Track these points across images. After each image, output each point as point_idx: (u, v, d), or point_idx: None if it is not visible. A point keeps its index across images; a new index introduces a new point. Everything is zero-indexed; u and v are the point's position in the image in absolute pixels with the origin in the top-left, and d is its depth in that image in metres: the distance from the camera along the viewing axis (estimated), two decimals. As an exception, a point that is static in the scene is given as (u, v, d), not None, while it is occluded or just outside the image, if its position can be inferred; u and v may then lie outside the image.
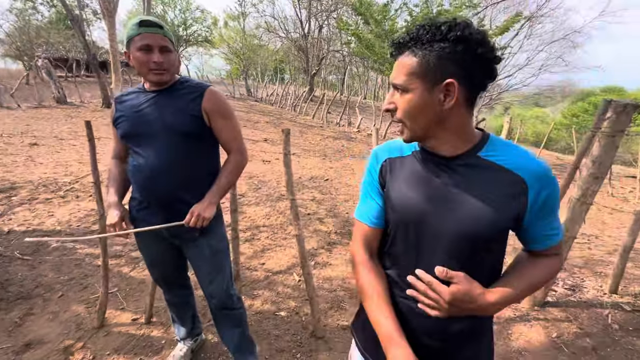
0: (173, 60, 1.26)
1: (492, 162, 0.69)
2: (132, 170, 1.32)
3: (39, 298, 2.17)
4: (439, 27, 0.62)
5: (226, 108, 1.32)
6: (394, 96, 0.70)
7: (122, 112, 1.32)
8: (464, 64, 0.62)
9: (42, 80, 15.50)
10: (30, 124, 8.25)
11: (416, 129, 0.70)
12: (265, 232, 3.45)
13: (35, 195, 3.91)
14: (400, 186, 0.77)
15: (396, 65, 0.68)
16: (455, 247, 0.70)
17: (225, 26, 29.93)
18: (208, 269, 1.41)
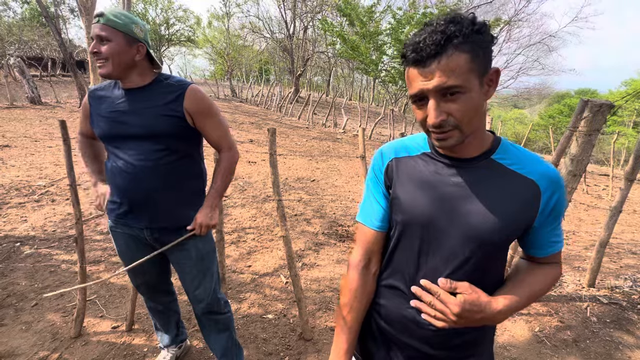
0: (112, 50, 1.14)
1: (506, 167, 0.68)
2: (112, 171, 1.26)
3: (10, 308, 2.06)
4: (465, 20, 0.60)
5: (210, 106, 1.27)
6: (440, 105, 0.61)
7: (98, 111, 1.25)
8: (491, 52, 0.63)
9: (15, 80, 14.82)
10: (2, 124, 7.85)
11: (469, 131, 0.63)
12: (252, 234, 3.39)
13: (7, 199, 3.71)
14: (409, 187, 0.74)
15: (443, 67, 0.58)
16: (463, 252, 0.68)
17: (209, 26, 29.50)
18: (195, 272, 1.36)
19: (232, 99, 18.47)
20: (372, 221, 0.80)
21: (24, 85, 11.36)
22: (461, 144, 0.66)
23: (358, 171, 6.68)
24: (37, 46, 18.83)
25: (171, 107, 1.21)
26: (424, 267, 0.72)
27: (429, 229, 0.71)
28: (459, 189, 0.69)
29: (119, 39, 1.15)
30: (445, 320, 0.67)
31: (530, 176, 0.66)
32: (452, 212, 0.68)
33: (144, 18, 27.94)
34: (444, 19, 0.60)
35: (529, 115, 36.11)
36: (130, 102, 1.21)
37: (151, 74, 1.26)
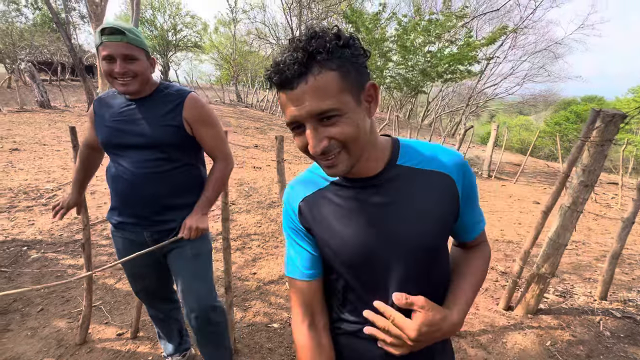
0: (141, 68, 1.18)
1: (415, 168, 0.65)
2: (113, 177, 1.29)
3: (17, 313, 2.06)
4: (327, 35, 0.53)
5: (208, 115, 1.28)
6: (319, 131, 0.55)
7: (101, 119, 1.27)
8: (364, 66, 0.57)
9: (25, 84, 15.09)
10: (12, 128, 7.97)
11: (358, 153, 0.58)
12: (257, 241, 3.38)
13: (15, 203, 3.75)
14: (331, 224, 0.67)
15: (310, 91, 0.52)
16: (410, 266, 0.65)
17: (216, 32, 29.86)
18: (189, 274, 1.32)
19: (237, 104, 18.61)
20: (302, 272, 0.72)
21: (34, 90, 11.55)
22: (357, 166, 0.61)
23: (363, 177, 6.65)
24: (47, 51, 19.19)
25: (170, 117, 1.23)
26: (379, 297, 0.67)
27: (370, 259, 0.66)
28: (381, 209, 0.64)
29: (142, 56, 1.19)
30: (402, 347, 0.63)
31: (441, 169, 0.65)
32: (386, 234, 0.64)
33: (152, 24, 28.40)
34: (305, 34, 0.53)
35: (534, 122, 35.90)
36: (131, 112, 1.24)
37: (153, 84, 1.28)
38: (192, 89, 1.36)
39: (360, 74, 0.56)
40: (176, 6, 28.72)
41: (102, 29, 1.12)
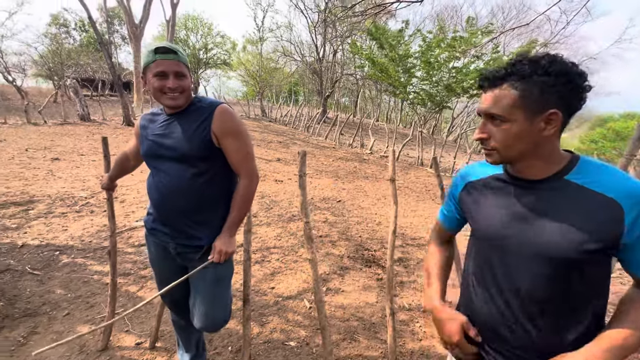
0: (187, 84, 1.27)
1: (581, 185, 0.70)
2: (149, 187, 1.36)
3: (44, 316, 2.13)
4: (538, 62, 0.67)
5: (236, 127, 1.29)
6: (486, 126, 0.74)
7: (145, 134, 1.36)
8: (564, 95, 0.67)
9: (69, 99, 16.30)
10: (55, 139, 8.57)
11: (510, 156, 0.73)
12: (276, 254, 3.36)
13: (52, 209, 3.97)
14: (482, 209, 0.83)
15: (492, 97, 0.71)
16: (537, 270, 0.71)
17: (244, 50, 31.20)
18: (208, 298, 1.34)
19: (261, 118, 19.11)
20: (443, 222, 1.02)
21: (76, 104, 12.45)
22: (514, 165, 0.76)
23: (385, 192, 6.54)
24: (90, 69, 20.75)
25: (201, 129, 1.26)
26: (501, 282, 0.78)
27: (504, 249, 0.77)
28: (530, 209, 0.73)
29: (188, 73, 1.27)
30: None
31: (610, 194, 0.67)
32: (525, 231, 0.73)
33: (185, 44, 30.14)
34: (516, 58, 0.70)
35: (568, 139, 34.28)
36: (168, 126, 1.30)
37: (188, 99, 1.32)
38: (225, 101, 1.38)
39: (546, 100, 0.67)
40: (208, 27, 30.39)
41: (156, 48, 1.20)
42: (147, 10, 15.72)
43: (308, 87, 31.46)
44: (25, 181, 4.90)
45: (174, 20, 14.99)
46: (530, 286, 0.73)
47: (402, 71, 10.38)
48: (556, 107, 0.67)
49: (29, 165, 5.84)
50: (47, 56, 18.94)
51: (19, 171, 5.39)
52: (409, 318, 2.44)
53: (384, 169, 9.27)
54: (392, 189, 2.03)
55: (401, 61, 9.88)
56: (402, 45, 10.11)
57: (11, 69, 17.91)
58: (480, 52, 9.54)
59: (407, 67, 10.35)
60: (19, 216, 3.66)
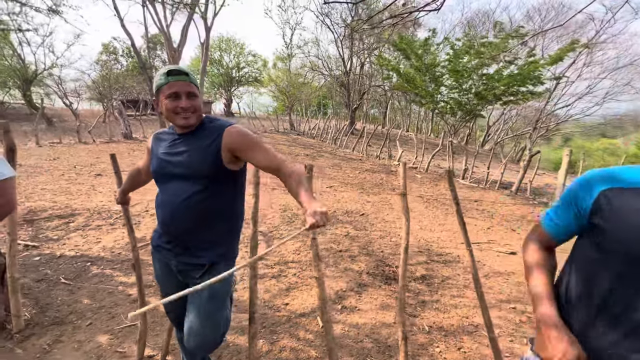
0: (199, 104, 1.31)
1: None
2: (156, 204, 1.40)
3: (70, 325, 2.25)
4: None
5: (250, 139, 1.27)
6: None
7: (155, 152, 1.41)
8: None
9: (115, 119, 17.79)
10: (100, 156, 9.33)
11: None
12: (294, 269, 3.32)
13: (90, 222, 4.26)
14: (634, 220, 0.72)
15: None
16: None
17: (274, 67, 32.38)
18: (201, 315, 1.31)
19: (290, 132, 19.52)
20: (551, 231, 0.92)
21: (120, 124, 13.53)
22: None
23: (412, 205, 6.31)
24: (135, 91, 22.54)
25: (209, 149, 1.27)
26: None
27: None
28: None
29: (198, 93, 1.31)
30: None
31: None
32: None
33: (219, 64, 31.89)
34: None
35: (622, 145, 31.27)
36: (178, 145, 1.33)
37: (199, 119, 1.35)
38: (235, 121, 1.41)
39: None
40: (240, 47, 32.00)
41: (169, 71, 1.26)
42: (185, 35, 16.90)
43: (336, 100, 31.77)
44: (70, 195, 5.34)
45: (207, 43, 15.95)
46: None
47: (430, 80, 10.14)
48: None
49: (75, 180, 6.38)
50: (98, 81, 20.90)
51: (66, 186, 5.89)
52: (428, 341, 2.27)
53: (412, 181, 8.99)
54: (403, 203, 1.94)
55: (428, 70, 9.66)
56: (429, 55, 9.92)
57: (68, 94, 19.97)
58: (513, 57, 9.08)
59: (434, 76, 10.10)
60: (60, 228, 3.97)
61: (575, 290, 0.84)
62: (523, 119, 25.43)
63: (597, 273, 0.80)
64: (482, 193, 7.99)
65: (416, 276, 3.32)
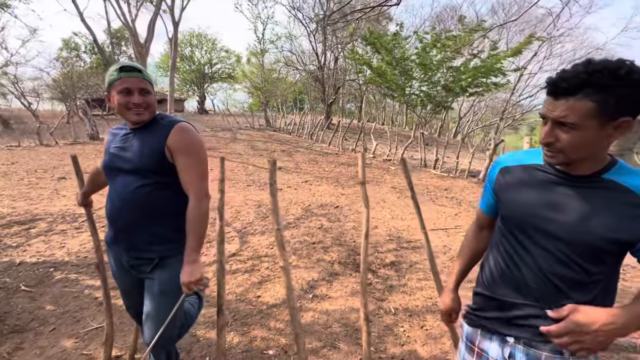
0: (152, 100, 1.32)
1: (617, 183, 0.78)
2: (107, 199, 1.39)
3: (31, 332, 2.18)
4: (617, 72, 0.67)
5: (190, 145, 1.30)
6: (554, 131, 0.76)
7: (108, 147, 1.40)
8: (637, 103, 0.71)
9: (80, 119, 16.90)
10: (64, 159, 8.87)
11: (575, 158, 0.77)
12: (267, 263, 3.36)
13: (53, 227, 4.09)
14: (516, 193, 0.89)
15: (566, 106, 0.72)
16: (564, 251, 0.80)
17: (249, 62, 31.81)
18: (153, 310, 1.33)
19: (266, 128, 19.33)
20: (483, 206, 1.07)
21: (86, 124, 12.90)
22: (569, 165, 0.80)
23: (384, 196, 6.49)
24: (100, 89, 21.47)
25: (157, 145, 1.29)
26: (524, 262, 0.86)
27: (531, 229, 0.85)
28: (566, 198, 0.81)
29: (152, 91, 1.33)
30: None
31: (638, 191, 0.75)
32: (559, 216, 0.81)
33: (191, 60, 30.93)
34: (592, 66, 0.69)
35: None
36: (128, 140, 1.34)
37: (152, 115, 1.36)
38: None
39: (621, 109, 0.70)
40: (212, 42, 31.16)
41: (121, 67, 1.26)
42: (152, 30, 16.26)
43: (312, 95, 31.73)
44: (30, 201, 5.08)
45: (176, 38, 15.45)
46: (550, 266, 0.81)
47: (400, 74, 10.37)
48: (629, 114, 0.71)
49: (36, 185, 6.06)
50: (59, 80, 19.73)
51: (26, 191, 5.59)
52: (394, 322, 2.39)
53: (386, 172, 9.21)
54: (362, 191, 2.02)
55: (398, 64, 9.87)
56: (399, 49, 10.13)
57: (27, 94, 18.72)
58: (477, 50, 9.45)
59: (405, 70, 10.33)
60: (20, 235, 3.79)
61: (492, 257, 0.99)
62: (491, 110, 26.52)
63: (500, 239, 0.96)
64: (452, 181, 8.32)
65: (386, 263, 3.45)
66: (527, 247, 0.86)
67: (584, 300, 0.80)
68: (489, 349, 0.95)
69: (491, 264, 0.98)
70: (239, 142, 13.21)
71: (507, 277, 0.91)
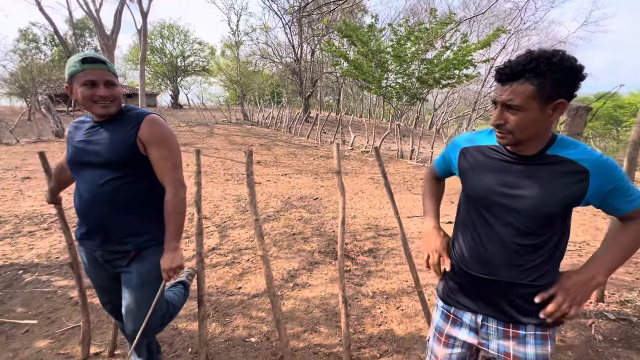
0: (118, 92, 1.30)
1: (559, 156, 0.89)
2: (74, 195, 1.37)
3: (2, 335, 2.11)
4: (551, 59, 0.79)
5: (162, 136, 1.31)
6: (503, 113, 0.87)
7: (71, 141, 1.37)
8: (570, 86, 0.82)
9: (43, 116, 15.91)
10: (27, 158, 8.38)
11: (522, 138, 0.88)
12: (247, 255, 3.39)
13: (19, 228, 3.90)
14: (476, 173, 1.00)
15: (511, 90, 0.83)
16: (523, 222, 0.90)
17: (223, 55, 30.96)
18: (133, 302, 1.35)
19: (243, 122, 19.01)
20: (437, 169, 1.24)
21: (50, 121, 12.17)
22: (518, 145, 0.90)
23: (363, 187, 6.62)
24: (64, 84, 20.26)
25: (127, 137, 1.28)
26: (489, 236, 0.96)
27: (491, 205, 0.95)
28: (517, 178, 0.92)
29: (118, 83, 1.30)
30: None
31: (581, 162, 0.86)
32: (513, 192, 0.91)
33: (161, 52, 29.71)
34: (531, 55, 0.81)
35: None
36: (94, 133, 1.32)
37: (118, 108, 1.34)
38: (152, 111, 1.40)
39: (556, 91, 0.81)
40: (184, 34, 30.04)
41: (83, 58, 1.22)
42: (118, 21, 15.46)
43: (289, 88, 31.43)
44: (-8, 203, 4.80)
45: (145, 29, 14.78)
46: (512, 237, 0.92)
47: (376, 66, 10.50)
48: (564, 97, 0.82)
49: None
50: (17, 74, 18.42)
51: (-13, 193, 5.27)
52: (371, 305, 2.50)
53: (364, 164, 9.36)
54: (338, 180, 2.09)
55: (374, 56, 9.99)
56: (374, 41, 10.23)
57: (-20, 90, 17.37)
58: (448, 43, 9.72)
59: (380, 62, 10.47)
60: (-17, 238, 3.59)
61: (460, 234, 1.07)
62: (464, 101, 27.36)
63: (464, 214, 1.06)
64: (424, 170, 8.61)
65: (364, 250, 3.57)
66: (490, 223, 0.96)
67: (539, 261, 0.92)
68: (463, 316, 1.05)
69: (460, 242, 1.06)
70: (216, 136, 12.95)
71: (475, 252, 1.00)
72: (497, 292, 0.97)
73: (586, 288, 0.90)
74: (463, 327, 1.06)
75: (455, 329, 1.07)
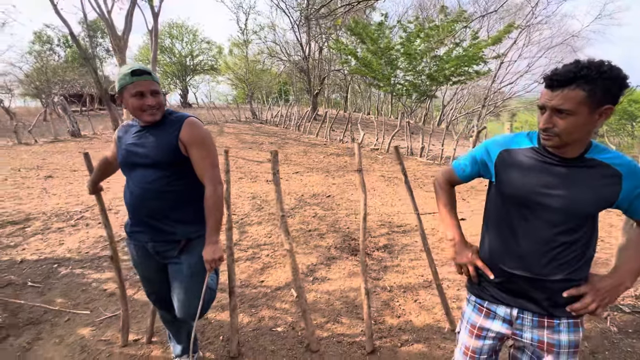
0: (161, 100, 1.44)
1: (597, 160, 0.96)
2: (124, 193, 1.51)
3: (47, 323, 2.27)
4: (601, 68, 0.85)
5: (201, 138, 1.43)
6: (552, 117, 0.91)
7: (121, 143, 1.51)
8: (617, 93, 0.88)
9: (59, 116, 16.32)
10: (46, 157, 8.66)
11: (569, 141, 0.92)
12: (266, 250, 3.51)
13: (48, 225, 4.09)
14: (517, 173, 1.03)
15: (562, 96, 0.88)
16: (562, 220, 0.96)
17: (231, 53, 31.18)
18: (184, 291, 1.47)
19: (252, 120, 19.18)
20: (461, 173, 1.21)
21: (66, 121, 12.50)
22: (563, 147, 0.95)
23: (374, 184, 6.70)
24: (77, 84, 20.72)
25: (170, 140, 1.41)
26: (526, 229, 1.02)
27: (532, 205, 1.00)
28: (559, 177, 0.97)
29: (160, 90, 1.43)
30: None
31: (615, 165, 0.94)
32: (554, 192, 0.97)
33: (171, 52, 30.07)
34: (581, 63, 0.87)
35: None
36: (141, 137, 1.45)
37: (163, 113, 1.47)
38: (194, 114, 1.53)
39: (605, 97, 0.87)
40: (193, 34, 30.33)
41: (132, 71, 1.35)
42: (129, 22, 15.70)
43: (297, 86, 31.53)
44: (19, 200, 5.02)
45: (156, 30, 14.99)
46: (551, 233, 0.97)
47: (386, 64, 10.51)
48: (611, 102, 0.88)
49: (22, 184, 5.95)
50: (32, 75, 18.90)
51: (13, 191, 5.50)
52: (390, 298, 2.60)
53: (375, 161, 9.42)
54: (359, 178, 2.18)
55: (384, 54, 10.01)
56: (384, 38, 10.24)
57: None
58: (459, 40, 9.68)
59: (390, 60, 10.48)
60: (16, 234, 3.79)
61: (495, 232, 1.11)
62: (474, 97, 27.09)
63: (499, 212, 1.10)
64: (438, 168, 8.62)
65: (379, 246, 3.66)
66: (529, 221, 1.01)
67: (573, 257, 0.98)
68: (497, 309, 1.10)
69: (492, 238, 1.10)
70: (226, 135, 13.14)
71: (510, 249, 1.04)
72: (534, 287, 1.02)
73: (615, 292, 0.98)
74: (496, 319, 1.11)
75: (489, 321, 1.12)
